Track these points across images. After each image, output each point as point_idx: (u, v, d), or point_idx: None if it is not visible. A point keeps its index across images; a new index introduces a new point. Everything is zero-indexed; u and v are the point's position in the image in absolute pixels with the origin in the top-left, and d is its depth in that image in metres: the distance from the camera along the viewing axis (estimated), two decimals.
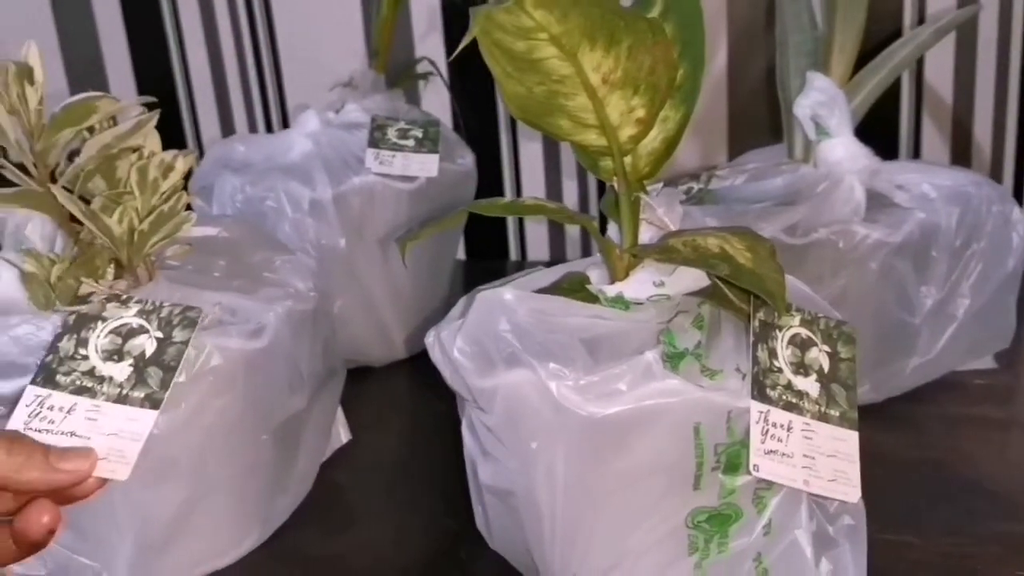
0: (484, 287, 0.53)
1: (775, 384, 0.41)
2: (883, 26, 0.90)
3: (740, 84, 0.99)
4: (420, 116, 0.81)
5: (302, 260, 0.59)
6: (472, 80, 0.98)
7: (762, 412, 0.40)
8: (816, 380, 0.42)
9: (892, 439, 0.63)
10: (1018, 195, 0.95)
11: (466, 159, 0.83)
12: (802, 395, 0.41)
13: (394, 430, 0.73)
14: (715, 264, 0.40)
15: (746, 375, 0.42)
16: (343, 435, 0.67)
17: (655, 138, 0.47)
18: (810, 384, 0.42)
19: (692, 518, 0.42)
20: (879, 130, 0.72)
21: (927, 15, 0.93)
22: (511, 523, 0.47)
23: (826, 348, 0.43)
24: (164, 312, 0.44)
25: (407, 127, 0.78)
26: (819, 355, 0.42)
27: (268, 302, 0.53)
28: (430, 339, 0.47)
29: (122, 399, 0.43)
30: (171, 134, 0.56)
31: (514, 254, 1.15)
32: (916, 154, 0.99)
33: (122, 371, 0.43)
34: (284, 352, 0.52)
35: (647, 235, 0.49)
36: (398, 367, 0.82)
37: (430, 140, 0.78)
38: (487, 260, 1.06)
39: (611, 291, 0.45)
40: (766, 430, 0.40)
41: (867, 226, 0.65)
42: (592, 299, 0.45)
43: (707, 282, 0.44)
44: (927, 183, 0.70)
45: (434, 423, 0.72)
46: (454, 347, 0.43)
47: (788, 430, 0.40)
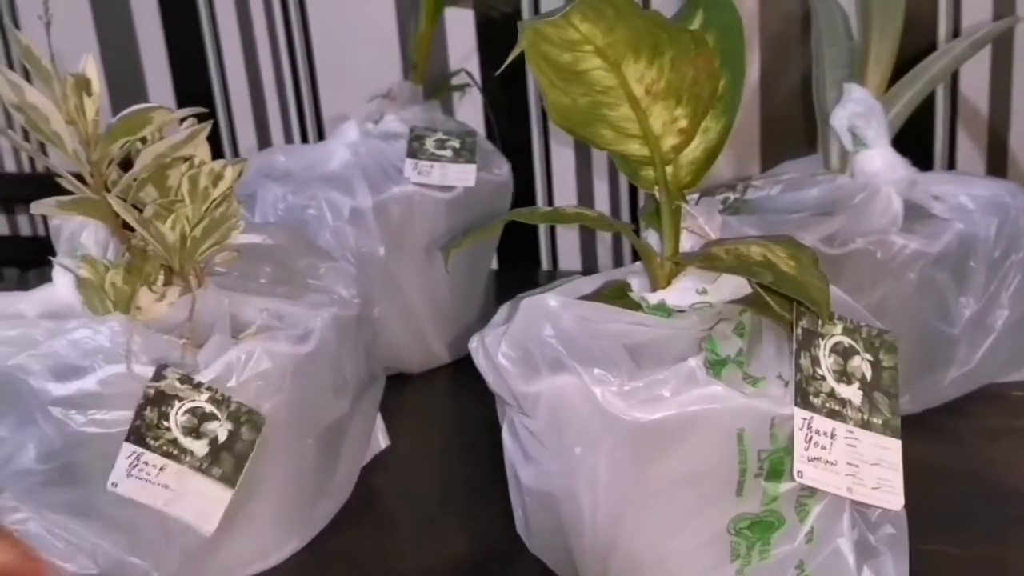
0: (526, 294, 0.54)
1: (818, 391, 0.41)
2: (918, 37, 0.90)
3: (773, 94, 0.99)
4: (457, 127, 0.82)
5: (345, 267, 0.60)
6: (505, 91, 1.00)
7: (805, 419, 0.40)
8: (859, 388, 0.42)
9: (931, 450, 0.63)
10: None
11: (502, 169, 0.84)
12: (845, 403, 0.41)
13: (432, 435, 0.74)
14: (758, 272, 0.41)
15: (789, 382, 0.42)
16: (382, 441, 0.68)
17: (696, 148, 0.47)
18: (853, 392, 0.42)
19: (734, 524, 0.43)
20: (914, 141, 0.72)
21: (962, 27, 0.92)
22: (551, 527, 0.48)
23: (868, 357, 0.43)
24: (232, 407, 0.47)
25: (445, 138, 0.80)
26: (861, 363, 0.43)
27: (314, 308, 0.54)
28: (474, 344, 0.48)
29: (203, 471, 0.47)
30: (208, 145, 0.58)
31: (546, 263, 1.16)
32: (951, 165, 0.98)
33: (200, 448, 0.47)
34: (329, 357, 0.54)
35: (687, 243, 0.49)
36: (436, 373, 0.83)
37: (467, 150, 0.80)
38: (519, 269, 1.07)
39: (653, 298, 0.45)
40: (809, 437, 0.40)
41: (905, 236, 0.65)
42: (634, 306, 0.46)
43: (749, 290, 0.44)
44: (964, 194, 0.70)
45: (473, 429, 0.73)
46: (499, 352, 0.44)
47: (831, 437, 0.40)
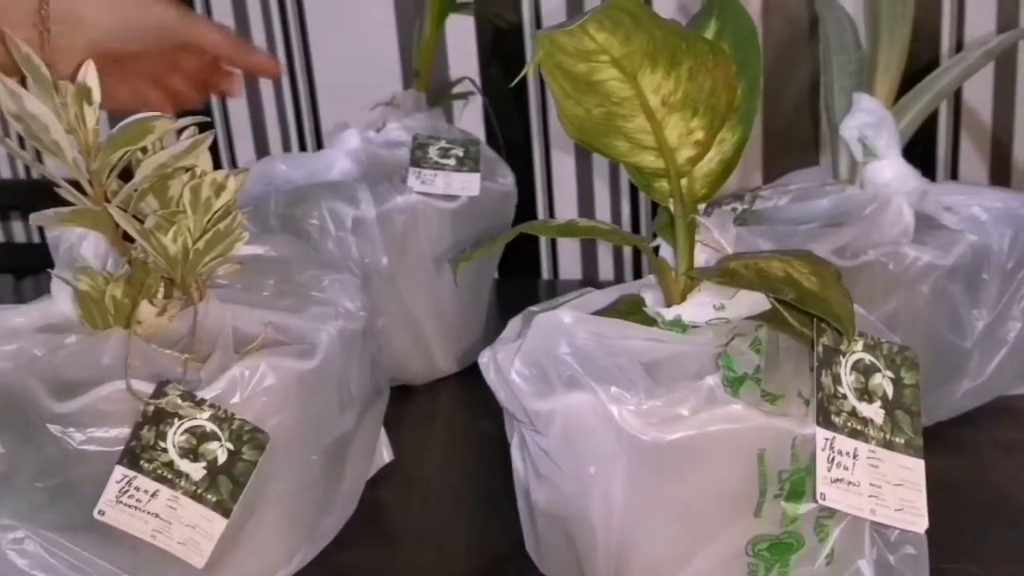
0: (539, 308, 0.53)
1: (840, 411, 0.40)
2: (921, 48, 0.90)
3: (777, 103, 0.98)
4: (460, 135, 0.81)
5: (350, 279, 0.59)
6: (506, 99, 0.99)
7: (828, 439, 0.39)
8: (880, 407, 0.41)
9: (944, 464, 0.62)
10: None
11: (506, 179, 0.83)
12: (867, 422, 0.40)
13: (436, 449, 0.73)
14: (780, 289, 0.40)
15: (809, 401, 0.41)
16: (386, 455, 0.67)
17: (712, 159, 0.46)
18: (875, 411, 0.41)
19: (752, 546, 0.42)
20: (917, 151, 0.71)
21: (965, 38, 0.92)
22: (563, 547, 0.47)
23: (889, 374, 0.42)
24: (235, 425, 0.46)
25: (448, 146, 0.79)
26: (883, 381, 0.42)
27: (319, 321, 0.53)
28: (484, 359, 0.47)
29: (197, 497, 0.45)
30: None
31: (546, 273, 1.15)
32: (954, 175, 0.98)
33: (197, 471, 0.45)
34: (335, 372, 0.52)
35: (702, 257, 0.48)
36: (439, 385, 0.81)
37: (471, 159, 0.78)
38: (519, 278, 1.06)
39: (669, 314, 0.44)
40: (832, 458, 0.39)
41: (918, 248, 0.64)
42: (649, 321, 0.45)
43: (767, 306, 0.43)
44: (976, 205, 0.69)
45: (477, 442, 0.72)
46: (512, 369, 0.43)
47: (854, 458, 0.39)
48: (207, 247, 0.50)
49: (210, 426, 0.45)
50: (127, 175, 0.52)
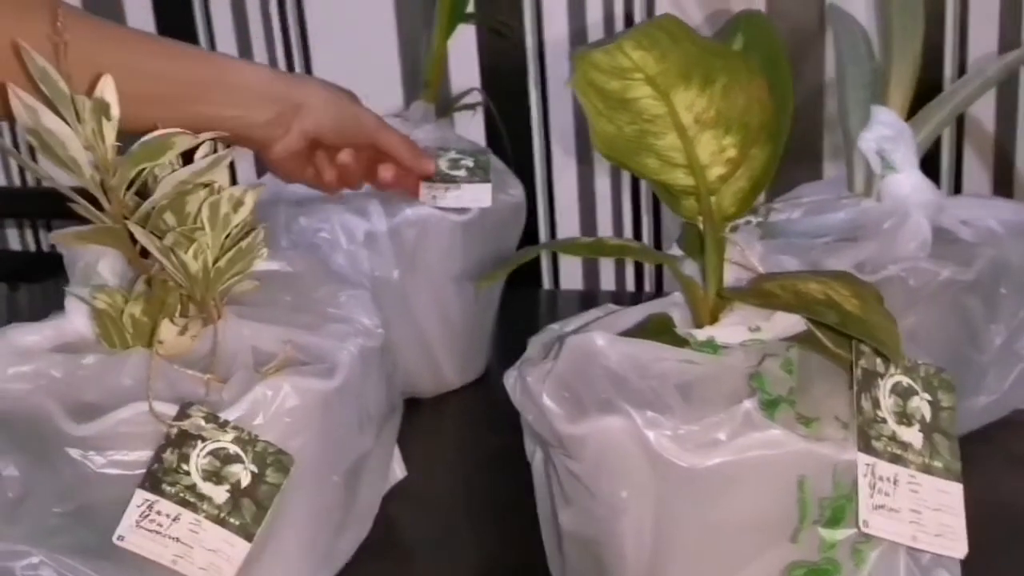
0: (558, 326, 0.53)
1: (880, 435, 0.40)
2: (927, 60, 0.90)
3: None
4: (469, 145, 0.80)
5: (366, 295, 0.58)
6: (507, 109, 0.98)
7: (869, 465, 0.39)
8: (919, 430, 0.41)
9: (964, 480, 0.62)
10: None
11: (516, 190, 0.82)
12: (906, 446, 0.40)
13: (448, 464, 0.72)
14: (821, 311, 0.39)
15: (846, 424, 0.41)
16: (399, 471, 0.66)
17: (741, 177, 0.46)
18: (913, 434, 0.40)
19: (788, 572, 0.41)
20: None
21: (968, 54, 0.92)
22: (591, 570, 0.46)
23: (927, 397, 0.42)
24: (259, 447, 0.45)
25: (458, 156, 0.78)
26: (921, 404, 0.41)
27: (339, 340, 0.52)
28: (511, 381, 0.46)
29: (220, 521, 0.44)
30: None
31: (547, 283, 1.15)
32: (957, 186, 0.98)
33: (220, 494, 0.44)
34: (355, 391, 0.52)
35: (729, 275, 0.48)
36: (447, 398, 0.81)
37: (481, 169, 0.78)
38: (520, 288, 1.06)
39: (701, 335, 0.44)
40: (873, 484, 0.38)
41: (938, 263, 0.63)
42: (680, 342, 0.44)
43: (802, 327, 0.43)
44: (993, 219, 0.69)
45: (488, 457, 0.71)
46: (543, 392, 0.42)
47: (894, 483, 0.39)
48: (229, 265, 0.49)
49: (233, 448, 0.45)
50: (142, 189, 0.52)
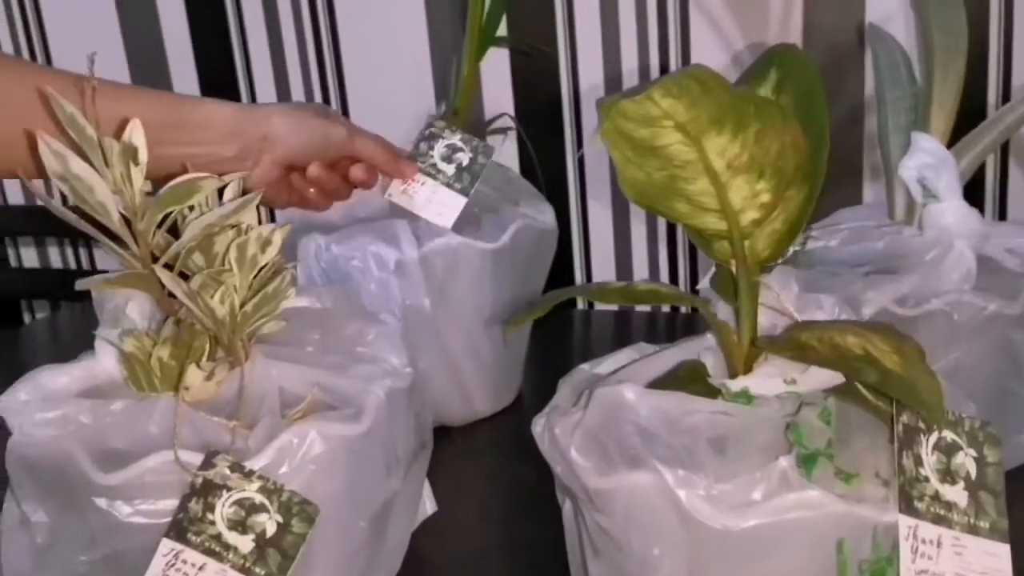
0: (588, 367, 0.51)
1: (922, 495, 0.38)
2: (970, 82, 0.88)
3: None
4: (480, 142, 0.78)
5: (395, 333, 0.58)
6: (541, 134, 0.97)
7: (911, 527, 0.37)
8: (964, 488, 0.39)
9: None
10: None
11: (546, 216, 0.81)
12: (950, 506, 0.38)
13: (479, 497, 0.71)
14: (859, 368, 0.38)
15: (888, 481, 0.39)
16: (429, 506, 0.65)
17: (776, 219, 0.45)
18: (958, 493, 0.39)
19: None
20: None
21: (1013, 76, 0.89)
22: None
23: (972, 452, 0.40)
24: (284, 496, 0.44)
25: (459, 146, 0.76)
26: (965, 460, 0.40)
27: (366, 382, 0.51)
28: (538, 429, 0.45)
29: (246, 571, 0.44)
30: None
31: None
32: (1002, 211, 0.95)
33: (245, 544, 0.44)
34: (382, 435, 0.51)
35: (764, 319, 0.47)
36: (476, 427, 0.80)
37: (470, 174, 0.75)
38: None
39: (735, 386, 0.42)
40: (915, 547, 0.37)
41: (983, 296, 0.61)
42: (712, 392, 0.43)
43: (840, 379, 0.41)
44: None
45: (518, 490, 0.70)
46: (571, 446, 0.41)
47: (938, 546, 0.37)
48: (256, 309, 0.49)
49: (259, 498, 0.44)
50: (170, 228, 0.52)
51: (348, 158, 0.69)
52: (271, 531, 0.44)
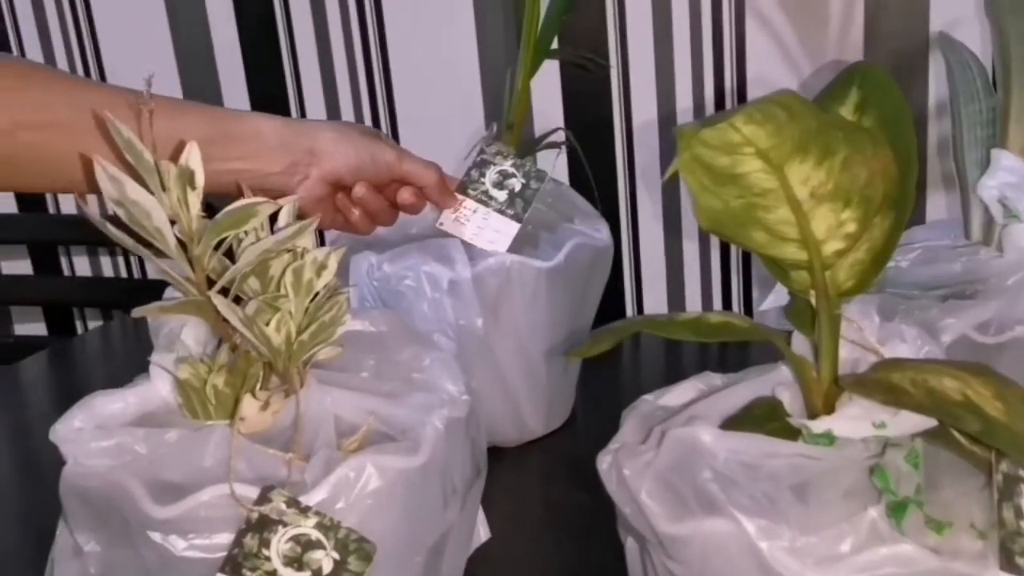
0: (652, 397, 0.49)
1: (1023, 550, 0.35)
2: None
3: None
4: (532, 167, 0.76)
5: (451, 358, 0.56)
6: (591, 148, 0.95)
7: None
8: None
9: None
10: None
11: (601, 232, 0.79)
12: None
13: (533, 524, 0.69)
14: (959, 416, 0.35)
15: (984, 533, 0.36)
16: (483, 533, 0.64)
17: (859, 248, 0.42)
18: None
19: None
20: None
21: None
22: None
23: None
24: (341, 533, 0.43)
25: (511, 172, 0.74)
26: None
27: (423, 412, 0.50)
28: (604, 467, 0.43)
29: None
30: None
31: (631, 314, 1.11)
32: None
33: None
34: (440, 466, 0.49)
35: (845, 352, 0.44)
36: (530, 448, 0.79)
37: (523, 199, 0.73)
38: (602, 322, 1.03)
39: (817, 427, 0.40)
40: None
41: None
42: (791, 432, 0.41)
43: (933, 422, 0.39)
44: None
45: (574, 516, 0.68)
46: (642, 488, 0.39)
47: None
48: (312, 339, 0.48)
49: (315, 534, 0.43)
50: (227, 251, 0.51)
51: (396, 181, 0.68)
52: (327, 568, 0.43)
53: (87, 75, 1.16)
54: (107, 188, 0.46)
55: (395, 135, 1.05)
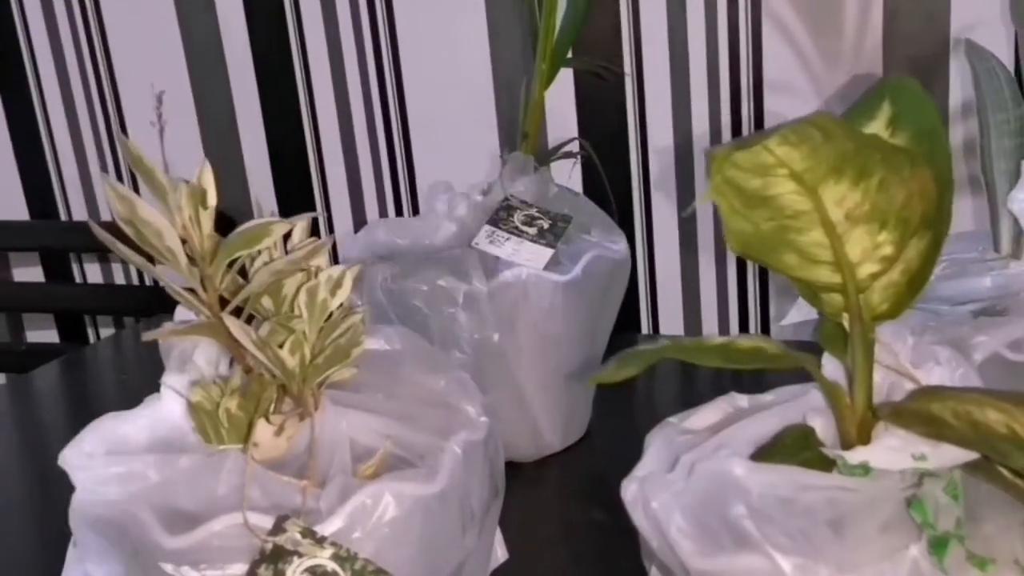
0: (676, 420, 0.48)
1: None
2: None
3: None
4: (555, 209, 0.76)
5: (468, 378, 0.55)
6: (605, 158, 0.94)
7: None
8: None
9: None
10: None
11: (619, 245, 0.78)
12: None
13: (552, 543, 0.68)
14: (1006, 451, 0.34)
15: None
16: (500, 554, 0.62)
17: (894, 270, 0.41)
18: None
19: None
20: None
21: None
22: None
23: None
24: (358, 565, 0.42)
25: (536, 215, 0.74)
26: None
27: (441, 436, 0.49)
28: (630, 497, 0.42)
29: None
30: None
31: (646, 327, 1.10)
32: None
33: None
34: (458, 492, 0.48)
35: (878, 377, 0.43)
36: (547, 463, 0.77)
37: (553, 234, 0.74)
38: (616, 334, 1.02)
39: (853, 458, 0.38)
40: None
41: None
42: (825, 463, 0.39)
43: (976, 455, 0.37)
44: None
45: (594, 535, 0.67)
46: (672, 523, 0.38)
47: None
48: (327, 362, 0.46)
49: (331, 565, 0.42)
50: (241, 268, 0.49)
51: None
52: None
53: (97, 78, 1.15)
54: (117, 208, 0.45)
55: (408, 144, 1.04)
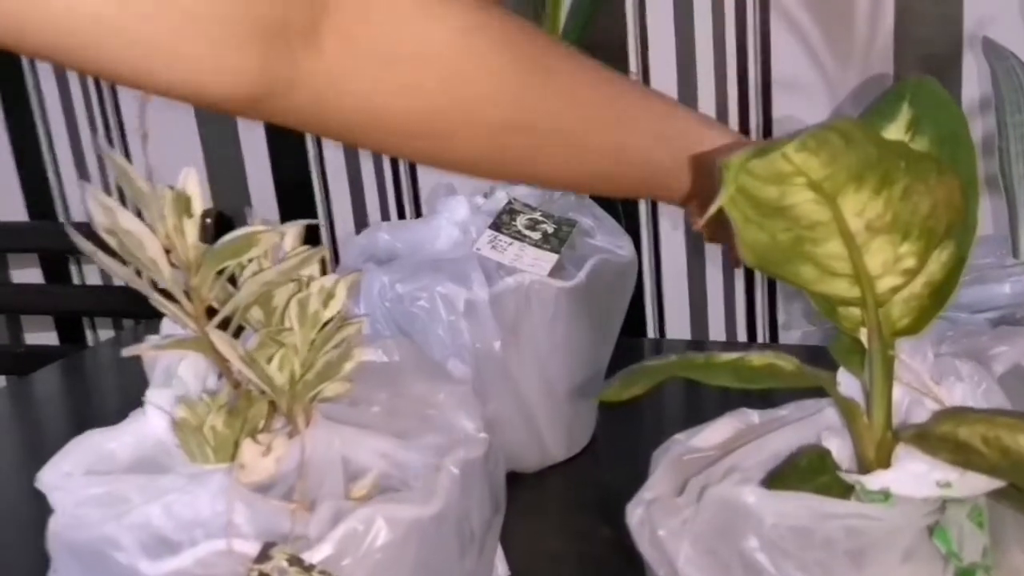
0: (683, 436, 0.46)
1: None
2: None
3: None
4: (559, 213, 0.74)
5: (467, 391, 0.53)
6: None
7: None
8: None
9: None
10: None
11: (624, 249, 0.76)
12: None
13: (555, 559, 0.66)
14: None
15: None
16: (501, 570, 0.60)
17: (916, 282, 0.38)
18: None
19: None
20: None
21: None
22: None
23: None
24: None
25: (540, 219, 0.72)
26: None
27: (437, 455, 0.46)
28: (635, 522, 0.39)
29: None
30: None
31: (652, 331, 1.07)
32: None
33: None
34: (455, 513, 0.46)
35: (897, 394, 0.40)
36: (550, 474, 0.76)
37: (557, 239, 0.72)
38: (621, 337, 1.00)
39: (873, 483, 0.36)
40: None
41: None
42: (843, 486, 0.37)
43: (1003, 483, 0.35)
44: None
45: (599, 551, 0.65)
46: (680, 552, 0.36)
47: None
48: (318, 378, 0.44)
49: None
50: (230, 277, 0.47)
51: None
52: None
53: (98, 88, 1.14)
54: (99, 217, 0.43)
55: None
